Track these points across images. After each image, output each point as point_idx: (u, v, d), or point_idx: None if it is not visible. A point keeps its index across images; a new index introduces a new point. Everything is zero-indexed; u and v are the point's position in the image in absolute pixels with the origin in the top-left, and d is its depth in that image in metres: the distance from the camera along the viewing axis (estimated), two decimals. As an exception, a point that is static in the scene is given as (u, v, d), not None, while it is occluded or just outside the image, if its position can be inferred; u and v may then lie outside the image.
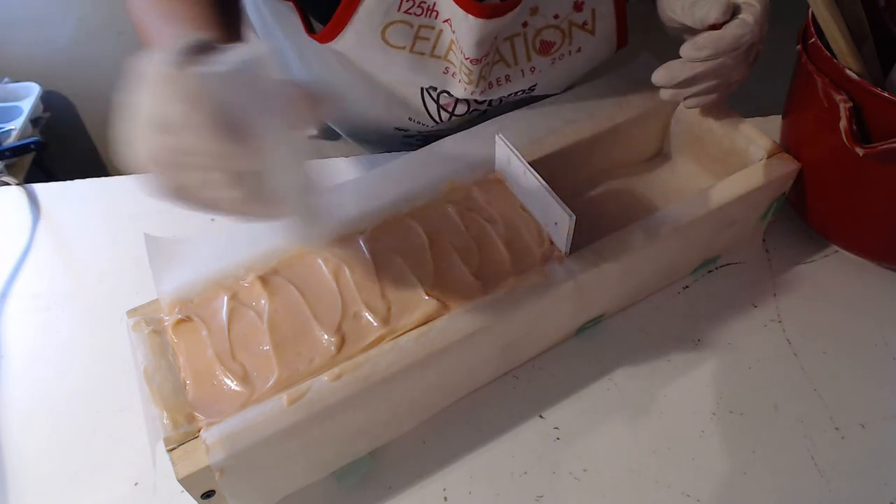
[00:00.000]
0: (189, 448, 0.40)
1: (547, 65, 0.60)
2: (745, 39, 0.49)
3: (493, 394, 0.53)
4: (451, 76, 0.59)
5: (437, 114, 0.65)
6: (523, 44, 0.58)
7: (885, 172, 0.50)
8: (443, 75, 0.59)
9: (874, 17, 0.55)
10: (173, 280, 0.48)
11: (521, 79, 0.61)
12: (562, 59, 0.61)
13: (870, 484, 0.48)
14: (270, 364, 0.44)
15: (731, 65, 0.50)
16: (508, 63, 0.59)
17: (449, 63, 0.58)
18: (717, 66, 0.50)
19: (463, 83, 0.58)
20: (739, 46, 0.49)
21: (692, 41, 0.50)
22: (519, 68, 0.60)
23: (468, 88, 0.58)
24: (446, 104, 0.64)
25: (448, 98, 0.63)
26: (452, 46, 0.56)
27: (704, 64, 0.50)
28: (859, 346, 0.56)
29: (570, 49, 0.60)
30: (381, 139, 0.74)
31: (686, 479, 0.49)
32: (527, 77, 0.61)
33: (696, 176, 0.63)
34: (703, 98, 0.54)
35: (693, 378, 0.54)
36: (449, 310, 0.46)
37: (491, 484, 0.49)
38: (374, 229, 0.51)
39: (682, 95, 0.54)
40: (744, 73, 0.53)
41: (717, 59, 0.50)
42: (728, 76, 0.52)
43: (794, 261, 0.62)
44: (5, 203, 0.68)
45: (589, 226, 0.53)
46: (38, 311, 0.60)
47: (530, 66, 0.60)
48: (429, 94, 0.63)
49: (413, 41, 0.56)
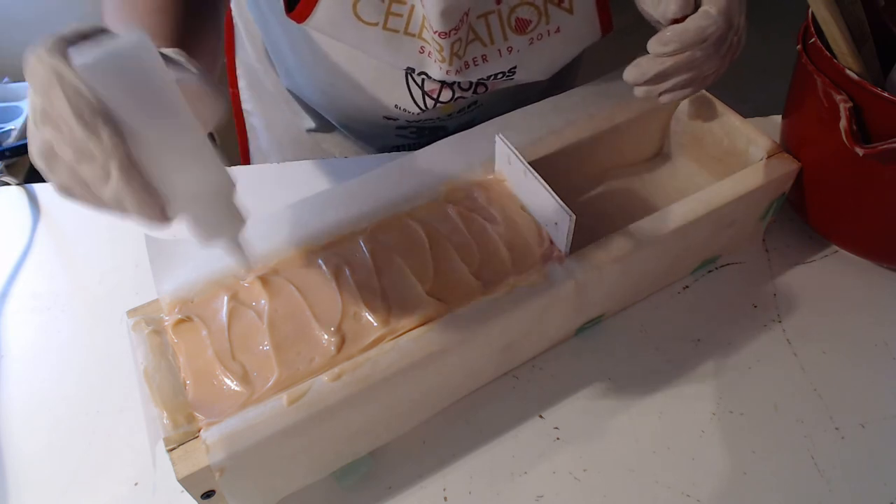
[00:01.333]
0: (189, 448, 0.40)
1: (525, 45, 0.60)
2: (710, 31, 0.48)
3: (493, 394, 0.53)
4: (428, 56, 0.59)
5: (422, 100, 0.65)
6: (498, 21, 0.58)
7: (885, 172, 0.50)
8: (419, 55, 0.59)
9: (874, 17, 0.55)
10: (173, 280, 0.48)
11: (500, 59, 0.60)
12: (540, 39, 0.60)
13: (870, 484, 0.48)
14: (270, 364, 0.44)
15: (702, 57, 0.49)
16: (484, 42, 0.59)
17: (424, 42, 0.58)
18: (687, 59, 0.49)
19: (438, 62, 0.58)
20: (706, 38, 0.48)
21: (657, 36, 0.49)
22: (496, 48, 0.59)
23: (443, 67, 0.58)
24: (431, 90, 0.64)
25: (432, 84, 0.63)
26: (425, 23, 0.56)
27: (673, 58, 0.49)
28: (859, 346, 0.56)
29: (547, 29, 0.60)
30: (373, 130, 0.74)
31: (686, 479, 0.49)
32: (505, 58, 0.60)
33: (696, 176, 0.63)
34: (678, 93, 0.53)
35: (693, 378, 0.54)
36: (449, 310, 0.46)
37: (491, 484, 0.49)
38: (374, 229, 0.51)
39: (655, 92, 0.53)
40: (717, 65, 0.51)
41: (685, 53, 0.49)
42: (700, 69, 0.51)
43: (794, 261, 0.62)
44: (5, 203, 0.68)
45: (589, 226, 0.53)
46: (38, 311, 0.60)
47: (507, 46, 0.60)
48: (412, 80, 0.63)
49: (385, 17, 0.56)
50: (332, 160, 0.71)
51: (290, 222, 0.51)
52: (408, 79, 0.63)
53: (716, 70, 0.52)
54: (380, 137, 0.76)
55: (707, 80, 0.53)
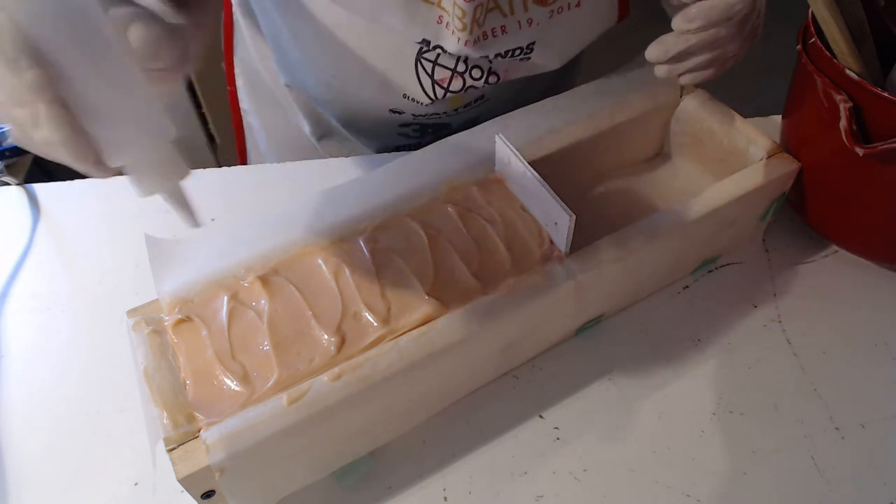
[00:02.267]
0: (189, 448, 0.40)
1: (545, 17, 0.59)
2: (738, 9, 0.48)
3: (493, 394, 0.53)
4: (445, 26, 0.57)
5: (431, 90, 0.64)
6: None
7: (885, 172, 0.50)
8: (436, 25, 0.57)
9: (874, 17, 0.55)
10: (173, 280, 0.48)
11: (519, 32, 0.59)
12: (560, 12, 0.59)
13: (870, 484, 0.48)
14: (270, 364, 0.44)
15: (726, 36, 0.49)
16: (504, 12, 0.58)
17: (443, 10, 0.56)
18: (711, 37, 0.49)
19: (456, 33, 0.57)
20: (732, 16, 0.48)
21: (683, 12, 0.49)
22: (515, 19, 0.58)
23: (461, 37, 0.57)
24: (441, 79, 0.63)
25: (442, 72, 0.62)
26: None
27: (698, 36, 0.49)
28: (859, 346, 0.56)
29: (569, 2, 0.59)
30: (376, 127, 0.73)
31: (686, 479, 0.49)
32: (524, 31, 0.59)
33: (696, 176, 0.63)
34: (700, 74, 0.52)
35: (693, 378, 0.54)
36: (449, 310, 0.46)
37: (491, 484, 0.49)
38: (374, 229, 0.51)
39: (676, 71, 0.53)
40: (740, 46, 0.51)
41: (710, 31, 0.49)
42: (724, 49, 0.51)
43: (794, 261, 0.62)
44: (5, 203, 0.68)
45: (589, 226, 0.53)
46: (38, 311, 0.60)
47: (527, 18, 0.59)
48: (422, 67, 0.62)
49: None
50: (333, 160, 0.71)
51: (290, 222, 0.51)
52: (417, 66, 0.62)
53: (736, 52, 0.51)
54: (382, 136, 0.75)
55: (727, 62, 0.52)
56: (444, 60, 0.62)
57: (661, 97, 0.61)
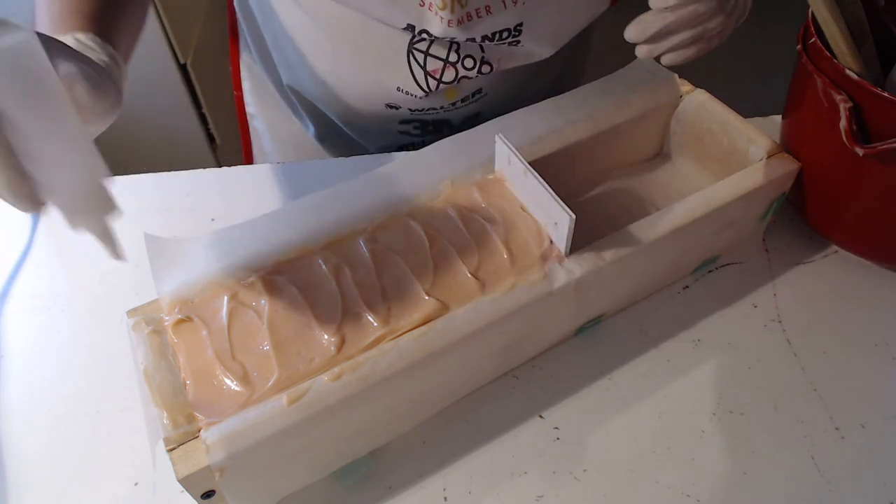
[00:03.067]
0: (189, 448, 0.40)
1: None
2: None
3: (493, 394, 0.53)
4: (428, 9, 0.57)
5: (424, 81, 0.64)
6: None
7: (885, 172, 0.50)
8: (419, 8, 0.57)
9: (874, 17, 0.55)
10: (173, 280, 0.48)
11: (504, 12, 0.58)
12: None
13: (870, 484, 0.48)
14: (270, 364, 0.44)
15: (706, 13, 0.48)
16: None
17: None
18: (690, 14, 0.48)
19: (439, 13, 0.56)
20: None
21: None
22: None
23: (444, 17, 0.56)
24: (433, 70, 0.63)
25: (434, 63, 0.62)
26: None
27: (676, 13, 0.48)
28: (859, 346, 0.56)
29: None
30: (375, 124, 0.73)
31: (686, 479, 0.49)
32: (510, 10, 0.58)
33: (696, 176, 0.63)
34: (681, 53, 0.51)
35: (693, 378, 0.54)
36: (449, 310, 0.46)
37: (491, 484, 0.49)
38: (374, 229, 0.51)
39: (657, 51, 0.52)
40: (723, 23, 0.50)
41: (689, 7, 0.48)
42: (705, 27, 0.50)
43: (794, 261, 0.62)
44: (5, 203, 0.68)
45: (589, 226, 0.53)
46: (38, 311, 0.60)
47: None
48: (414, 58, 0.62)
49: None
50: (333, 160, 0.71)
51: (290, 222, 0.51)
52: (410, 58, 0.62)
53: (721, 29, 0.50)
54: (383, 135, 0.75)
55: (712, 40, 0.51)
56: (435, 51, 0.62)
57: (661, 97, 0.61)
